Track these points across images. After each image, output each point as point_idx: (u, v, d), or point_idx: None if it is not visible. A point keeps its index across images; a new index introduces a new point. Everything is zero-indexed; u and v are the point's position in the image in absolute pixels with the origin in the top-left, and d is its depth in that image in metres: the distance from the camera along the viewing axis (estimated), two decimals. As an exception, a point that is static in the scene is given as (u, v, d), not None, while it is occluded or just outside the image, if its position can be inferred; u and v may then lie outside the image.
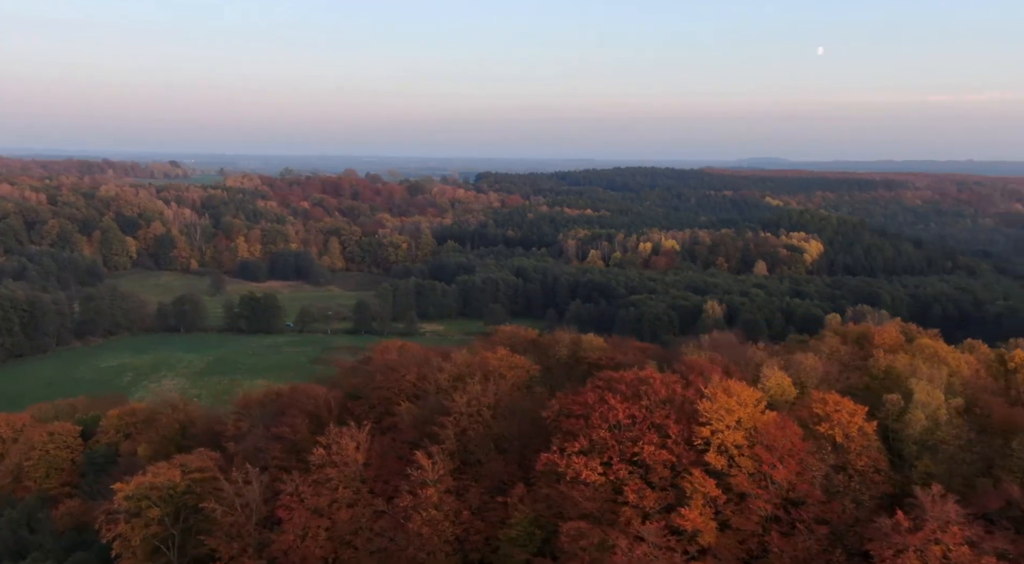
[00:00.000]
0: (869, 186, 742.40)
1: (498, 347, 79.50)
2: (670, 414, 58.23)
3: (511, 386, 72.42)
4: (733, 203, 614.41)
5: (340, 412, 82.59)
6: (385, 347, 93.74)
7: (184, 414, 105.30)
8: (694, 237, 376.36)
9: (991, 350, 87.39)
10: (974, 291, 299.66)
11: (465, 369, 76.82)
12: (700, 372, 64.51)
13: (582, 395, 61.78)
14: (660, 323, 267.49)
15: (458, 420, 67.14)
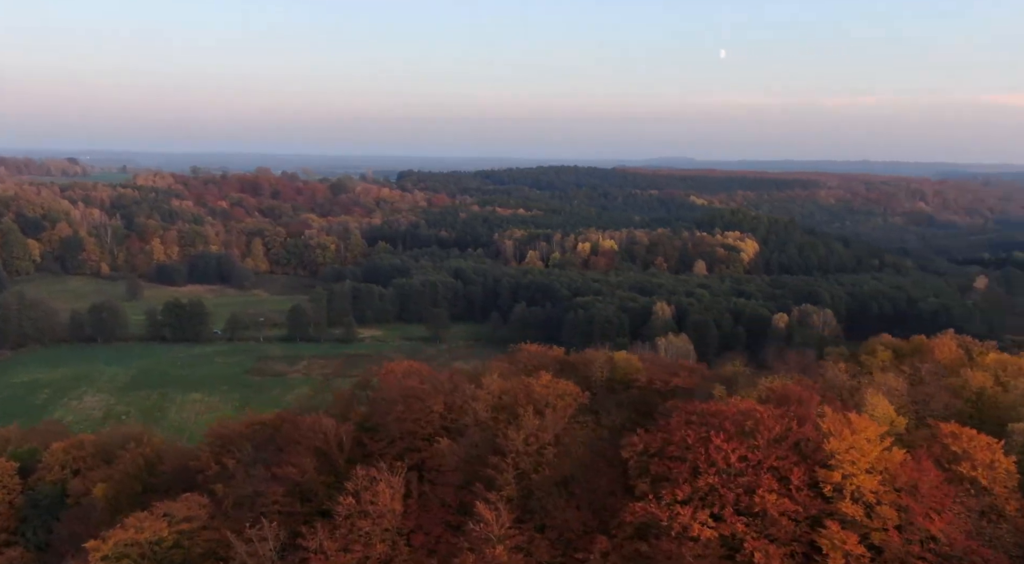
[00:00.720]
0: (786, 185, 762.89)
1: (540, 372, 70.93)
2: (787, 455, 51.14)
3: (565, 418, 64.28)
4: (660, 202, 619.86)
5: (352, 448, 72.57)
6: (390, 370, 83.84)
7: (150, 447, 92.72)
8: (631, 237, 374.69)
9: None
10: (907, 289, 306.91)
11: (507, 398, 68.11)
12: (798, 401, 57.65)
13: (677, 433, 53.97)
14: (611, 326, 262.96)
15: (516, 461, 58.54)
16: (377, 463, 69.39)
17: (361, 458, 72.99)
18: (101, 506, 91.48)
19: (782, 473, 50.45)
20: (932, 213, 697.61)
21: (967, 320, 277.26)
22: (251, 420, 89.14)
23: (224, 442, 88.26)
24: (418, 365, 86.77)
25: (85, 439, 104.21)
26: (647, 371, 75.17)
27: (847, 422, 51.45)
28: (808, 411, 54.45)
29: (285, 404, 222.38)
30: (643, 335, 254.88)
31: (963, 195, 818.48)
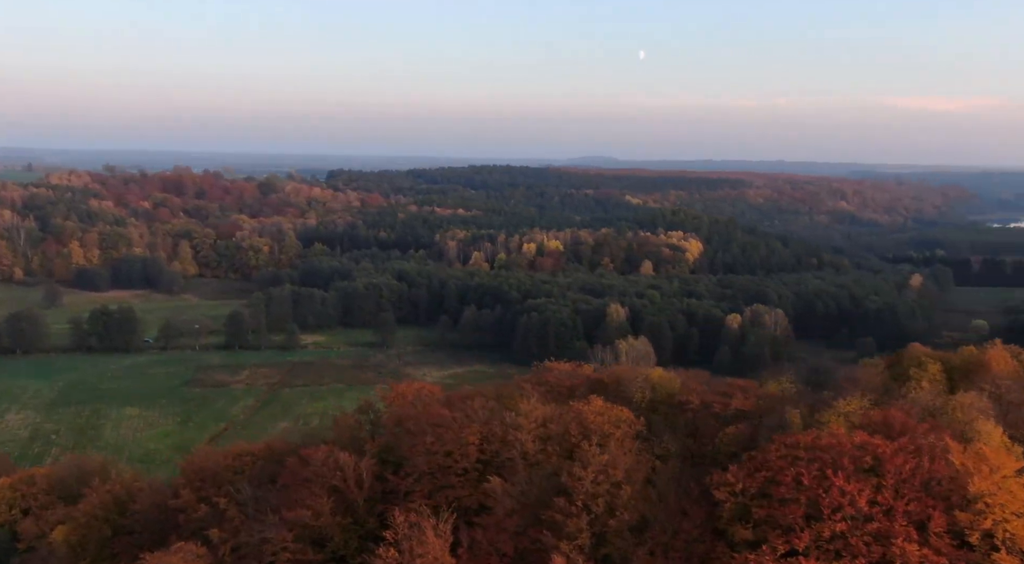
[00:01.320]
0: (716, 185, 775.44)
1: (591, 397, 64.00)
2: (920, 496, 45.72)
3: (632, 451, 57.76)
4: (596, 202, 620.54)
5: (372, 485, 64.52)
6: (400, 393, 75.76)
7: (120, 484, 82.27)
8: (576, 237, 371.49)
9: None
10: (849, 288, 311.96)
11: (555, 427, 61.14)
12: (903, 430, 52.26)
13: (786, 470, 47.85)
14: (565, 329, 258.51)
15: (588, 503, 51.82)
16: (403, 502, 61.73)
17: (382, 497, 65.12)
18: (63, 552, 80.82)
19: (917, 518, 45.06)
20: (854, 212, 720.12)
21: (910, 318, 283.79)
22: (237, 451, 79.88)
23: (206, 477, 78.82)
24: (430, 387, 78.93)
25: (36, 474, 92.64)
26: (697, 391, 69.15)
27: (983, 457, 46.63)
28: (919, 442, 49.45)
29: (232, 416, 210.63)
30: (598, 338, 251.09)
31: (880, 194, 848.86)
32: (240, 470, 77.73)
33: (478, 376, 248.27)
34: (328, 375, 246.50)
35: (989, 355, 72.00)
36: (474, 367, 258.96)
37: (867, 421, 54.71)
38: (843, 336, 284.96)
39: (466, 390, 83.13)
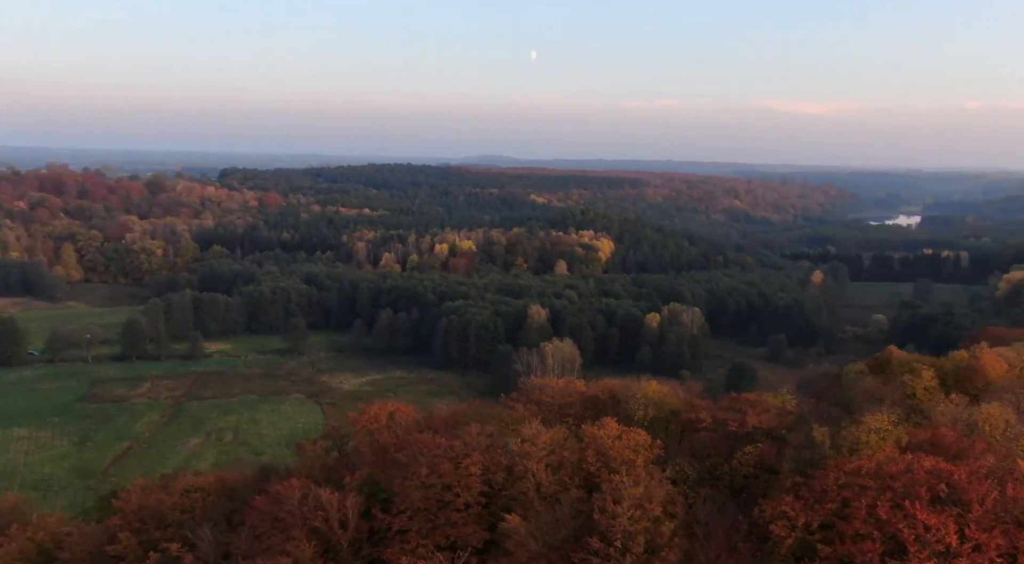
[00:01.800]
0: (617, 184, 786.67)
1: (606, 420, 58.48)
2: (1008, 528, 42.33)
3: (663, 480, 52.80)
4: (502, 201, 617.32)
5: (358, 526, 57.47)
6: (372, 416, 68.51)
7: (44, 530, 71.75)
8: (488, 237, 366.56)
9: None
10: (758, 285, 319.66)
11: (568, 454, 55.54)
12: (958, 453, 48.99)
13: (855, 502, 43.55)
14: (487, 332, 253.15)
15: (627, 543, 46.61)
16: (396, 544, 55.09)
17: (369, 538, 58.17)
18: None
19: (1007, 551, 41.55)
20: (747, 210, 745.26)
21: (816, 314, 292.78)
22: (183, 486, 70.79)
23: (148, 518, 69.56)
24: (403, 408, 71.99)
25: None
26: (705, 408, 64.95)
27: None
28: (984, 464, 46.61)
29: (135, 434, 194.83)
30: (520, 340, 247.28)
31: (769, 193, 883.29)
32: (189, 509, 68.88)
33: (398, 382, 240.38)
34: (238, 386, 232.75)
35: (982, 359, 71.34)
36: (393, 373, 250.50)
37: (916, 441, 51.82)
38: (754, 333, 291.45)
39: (443, 412, 76.38)
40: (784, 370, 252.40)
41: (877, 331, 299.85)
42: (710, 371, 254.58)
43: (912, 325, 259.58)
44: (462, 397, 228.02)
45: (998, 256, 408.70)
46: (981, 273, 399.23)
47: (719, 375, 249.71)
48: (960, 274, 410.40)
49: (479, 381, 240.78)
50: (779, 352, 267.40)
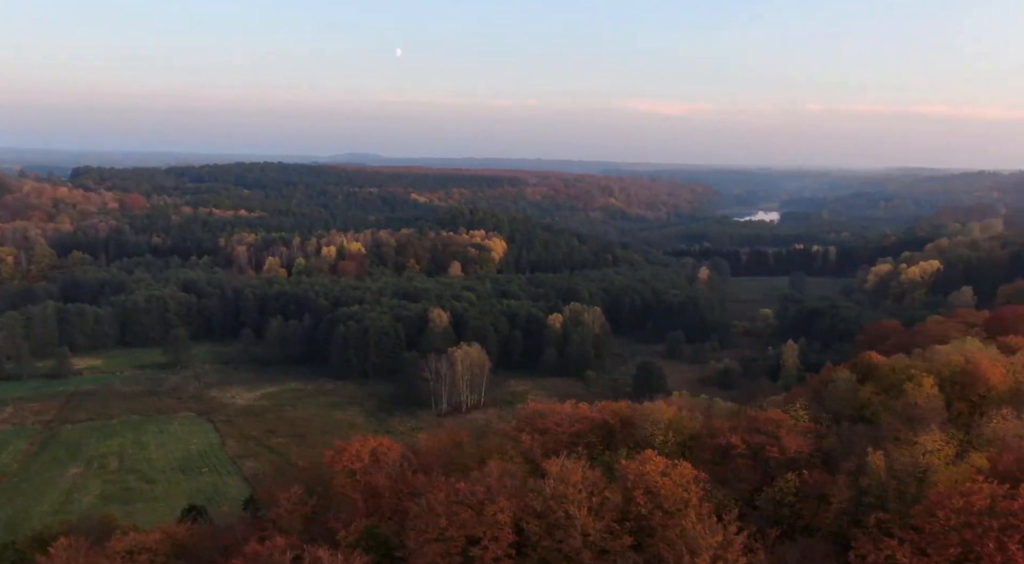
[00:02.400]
0: (496, 182, 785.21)
1: (648, 452, 51.95)
2: None
3: (733, 521, 47.03)
4: (383, 200, 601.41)
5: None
6: (354, 454, 59.55)
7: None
8: (377, 238, 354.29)
9: None
10: (650, 282, 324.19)
11: (612, 496, 48.97)
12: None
13: (983, 546, 38.80)
14: (387, 338, 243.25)
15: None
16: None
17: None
18: None
19: None
20: (623, 208, 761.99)
21: (709, 310, 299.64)
22: (125, 546, 59.88)
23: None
24: (386, 442, 63.50)
25: None
26: (733, 429, 59.51)
27: None
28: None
29: (2, 466, 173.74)
30: (422, 345, 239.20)
31: (642, 191, 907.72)
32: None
33: (295, 394, 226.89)
34: (116, 405, 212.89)
35: (980, 365, 70.42)
36: (288, 384, 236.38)
37: (994, 466, 48.58)
38: (650, 330, 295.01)
39: (429, 446, 68.04)
40: (684, 367, 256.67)
41: (765, 325, 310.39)
42: (614, 370, 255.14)
43: (800, 319, 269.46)
44: (366, 408, 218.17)
45: (861, 250, 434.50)
46: (848, 266, 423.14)
47: (624, 374, 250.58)
48: (829, 267, 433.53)
49: (382, 390, 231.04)
50: (677, 349, 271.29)
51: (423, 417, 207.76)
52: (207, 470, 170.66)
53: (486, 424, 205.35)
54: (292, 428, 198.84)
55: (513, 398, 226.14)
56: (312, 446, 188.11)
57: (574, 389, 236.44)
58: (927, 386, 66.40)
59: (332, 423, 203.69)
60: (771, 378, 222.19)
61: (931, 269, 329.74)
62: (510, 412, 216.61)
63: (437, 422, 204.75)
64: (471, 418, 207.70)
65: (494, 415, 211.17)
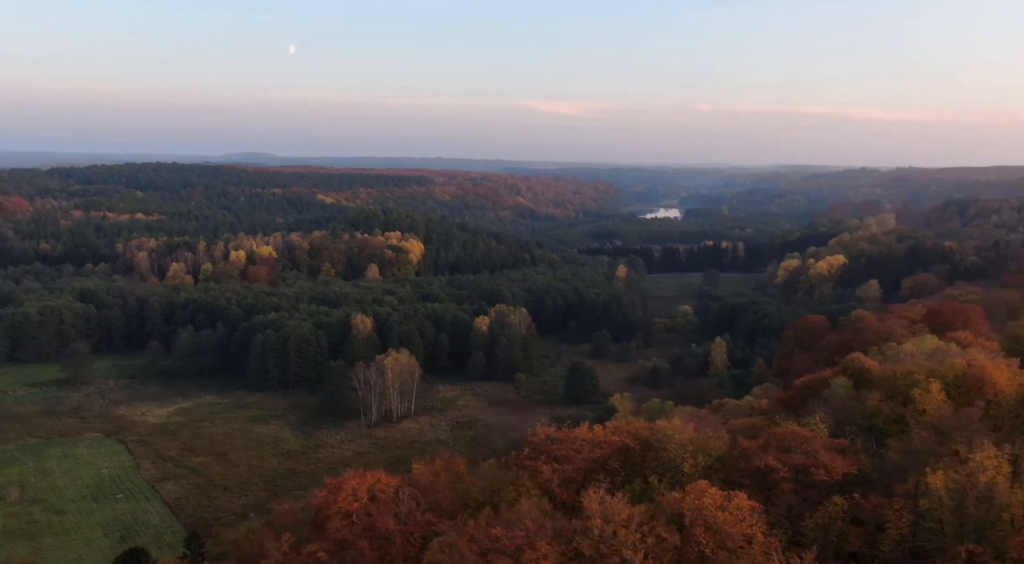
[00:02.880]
0: (404, 182, 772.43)
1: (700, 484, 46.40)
2: None
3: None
4: (289, 202, 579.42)
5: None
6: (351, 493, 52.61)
7: None
8: (289, 242, 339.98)
9: None
10: (572, 282, 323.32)
11: (667, 534, 43.70)
12: None
13: None
14: (308, 346, 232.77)
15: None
16: None
17: None
18: None
19: None
20: (532, 207, 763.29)
21: (632, 308, 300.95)
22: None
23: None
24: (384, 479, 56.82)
25: None
26: (766, 449, 55.01)
27: None
28: None
29: None
30: (346, 354, 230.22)
31: (548, 190, 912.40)
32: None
33: (212, 409, 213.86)
34: (12, 429, 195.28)
35: (987, 370, 69.03)
36: (203, 398, 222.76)
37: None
38: (573, 330, 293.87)
39: (425, 476, 61.41)
40: (612, 366, 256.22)
41: (685, 322, 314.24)
42: (543, 372, 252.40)
43: (722, 316, 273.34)
44: (290, 420, 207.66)
45: (767, 246, 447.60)
46: (756, 261, 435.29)
47: (553, 376, 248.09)
48: (738, 263, 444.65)
49: (306, 401, 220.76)
50: (603, 348, 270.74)
51: (352, 428, 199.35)
52: (122, 496, 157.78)
53: (419, 433, 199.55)
54: (212, 445, 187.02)
55: (443, 404, 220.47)
56: (236, 464, 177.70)
57: (505, 393, 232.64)
58: (935, 392, 64.92)
59: (255, 438, 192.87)
60: (700, 375, 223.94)
61: (837, 263, 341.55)
62: (443, 419, 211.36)
63: (367, 433, 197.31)
64: (403, 427, 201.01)
65: (426, 423, 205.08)
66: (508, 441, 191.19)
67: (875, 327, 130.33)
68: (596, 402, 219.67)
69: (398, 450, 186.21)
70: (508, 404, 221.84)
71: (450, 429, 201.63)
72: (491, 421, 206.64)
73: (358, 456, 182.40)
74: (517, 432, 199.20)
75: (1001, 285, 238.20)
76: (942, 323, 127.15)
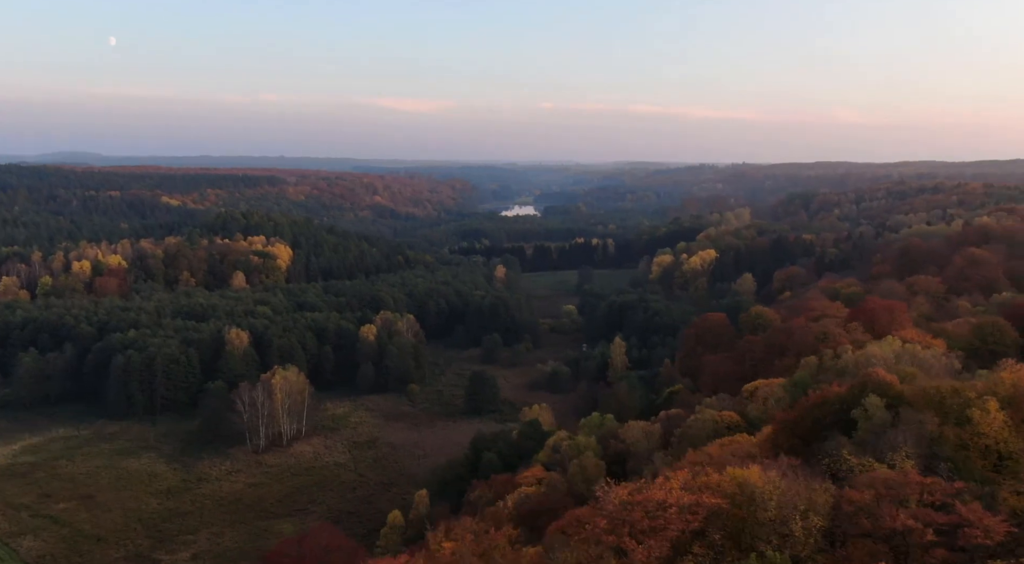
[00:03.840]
0: (254, 182, 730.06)
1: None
2: None
3: None
4: (130, 205, 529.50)
5: None
6: None
7: None
8: (140, 250, 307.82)
9: None
10: (454, 284, 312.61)
11: None
12: None
13: None
14: (178, 367, 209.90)
15: None
16: None
17: None
18: None
19: None
20: (392, 206, 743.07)
21: (519, 309, 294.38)
22: None
23: None
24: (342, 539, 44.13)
25: None
26: (868, 502, 45.70)
27: None
28: None
29: None
30: (221, 372, 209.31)
31: (405, 188, 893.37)
32: None
33: (69, 444, 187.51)
34: None
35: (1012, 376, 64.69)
36: (56, 432, 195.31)
37: None
38: (461, 334, 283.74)
39: (460, 556, 49.08)
40: (506, 372, 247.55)
41: (570, 322, 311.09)
42: (434, 381, 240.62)
43: (610, 314, 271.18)
44: (164, 451, 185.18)
45: (636, 242, 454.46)
46: (626, 257, 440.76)
47: (446, 385, 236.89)
48: (609, 259, 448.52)
49: (180, 428, 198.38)
50: (494, 353, 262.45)
51: (238, 457, 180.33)
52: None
53: (314, 458, 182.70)
54: (75, 488, 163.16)
55: (335, 423, 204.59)
56: (106, 508, 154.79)
57: (399, 406, 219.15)
58: (993, 411, 59.92)
59: (125, 476, 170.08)
60: (600, 378, 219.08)
61: (709, 258, 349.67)
62: (337, 440, 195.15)
63: (256, 461, 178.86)
64: (296, 452, 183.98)
65: (320, 445, 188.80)
66: (414, 461, 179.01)
67: (806, 328, 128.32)
68: (497, 411, 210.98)
69: (295, 479, 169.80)
70: (405, 419, 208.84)
71: (348, 450, 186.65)
72: (391, 439, 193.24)
73: (250, 488, 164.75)
74: (421, 450, 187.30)
75: (872, 277, 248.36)
76: (872, 321, 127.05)
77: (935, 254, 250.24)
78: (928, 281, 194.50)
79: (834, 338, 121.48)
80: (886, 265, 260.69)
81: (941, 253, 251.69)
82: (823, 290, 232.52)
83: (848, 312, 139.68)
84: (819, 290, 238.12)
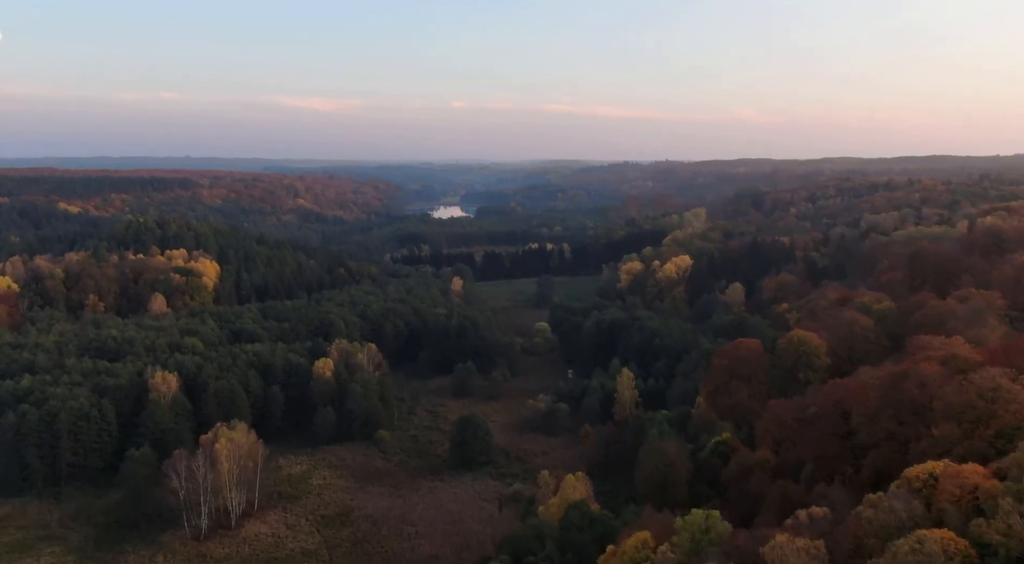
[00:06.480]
0: (164, 185, 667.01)
1: None
2: None
3: None
4: (21, 213, 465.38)
5: None
6: None
7: None
8: (34, 269, 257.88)
9: None
10: (411, 302, 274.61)
11: None
12: None
13: None
14: (89, 423, 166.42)
15: None
16: None
17: None
18: None
19: None
20: (317, 210, 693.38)
21: (489, 329, 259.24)
22: None
23: None
24: None
25: None
26: None
27: None
28: None
29: None
30: (146, 431, 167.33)
31: (328, 190, 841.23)
32: None
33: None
34: None
35: None
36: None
37: None
38: (425, 361, 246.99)
39: None
40: (484, 407, 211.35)
41: (544, 341, 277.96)
42: (405, 424, 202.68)
43: (599, 335, 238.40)
44: (71, 542, 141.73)
45: (592, 246, 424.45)
46: (583, 264, 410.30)
47: (421, 429, 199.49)
48: (565, 266, 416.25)
49: (92, 505, 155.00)
50: (467, 383, 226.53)
51: (173, 546, 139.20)
52: None
53: (274, 543, 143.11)
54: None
55: (294, 488, 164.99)
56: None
57: (370, 460, 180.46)
58: None
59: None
60: (606, 417, 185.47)
61: (684, 265, 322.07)
62: (300, 514, 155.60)
63: (198, 552, 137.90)
64: (249, 535, 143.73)
65: (279, 523, 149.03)
66: (405, 543, 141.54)
67: (956, 383, 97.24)
68: (490, 463, 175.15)
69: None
70: (380, 478, 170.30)
71: (315, 528, 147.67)
72: (369, 509, 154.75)
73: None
74: (411, 526, 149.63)
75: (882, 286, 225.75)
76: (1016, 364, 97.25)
77: (950, 260, 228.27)
78: (986, 296, 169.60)
79: (1007, 396, 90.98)
80: (896, 272, 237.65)
81: (957, 258, 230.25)
82: (839, 302, 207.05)
83: (983, 353, 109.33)
84: (834, 302, 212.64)
